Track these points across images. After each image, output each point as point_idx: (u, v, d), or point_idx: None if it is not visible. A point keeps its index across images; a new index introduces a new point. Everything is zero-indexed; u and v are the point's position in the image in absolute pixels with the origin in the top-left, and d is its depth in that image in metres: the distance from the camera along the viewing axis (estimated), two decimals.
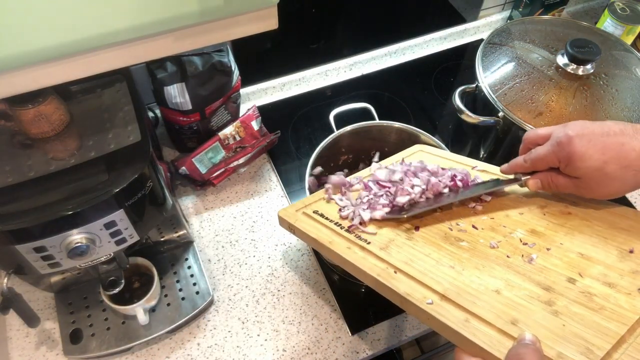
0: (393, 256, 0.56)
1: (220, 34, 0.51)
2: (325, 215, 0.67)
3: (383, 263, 0.55)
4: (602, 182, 0.51)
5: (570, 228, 0.55)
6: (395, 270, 0.54)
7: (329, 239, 0.62)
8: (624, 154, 0.49)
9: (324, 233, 0.64)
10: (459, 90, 0.87)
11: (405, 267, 0.54)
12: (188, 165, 0.90)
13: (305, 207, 0.71)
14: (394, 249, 0.57)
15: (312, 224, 0.66)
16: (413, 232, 0.60)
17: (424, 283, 0.51)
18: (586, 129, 0.51)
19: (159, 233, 0.83)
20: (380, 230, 0.61)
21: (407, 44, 1.20)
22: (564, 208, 0.58)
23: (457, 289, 0.49)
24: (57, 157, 0.61)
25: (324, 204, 0.70)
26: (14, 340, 0.77)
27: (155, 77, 0.84)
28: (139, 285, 0.78)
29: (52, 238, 0.58)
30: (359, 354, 0.77)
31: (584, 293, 0.46)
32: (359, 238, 0.60)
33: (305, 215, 0.68)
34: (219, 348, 0.77)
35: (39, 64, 0.45)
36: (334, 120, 0.88)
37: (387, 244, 0.58)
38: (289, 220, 0.68)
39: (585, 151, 0.50)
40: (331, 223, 0.65)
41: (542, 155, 0.55)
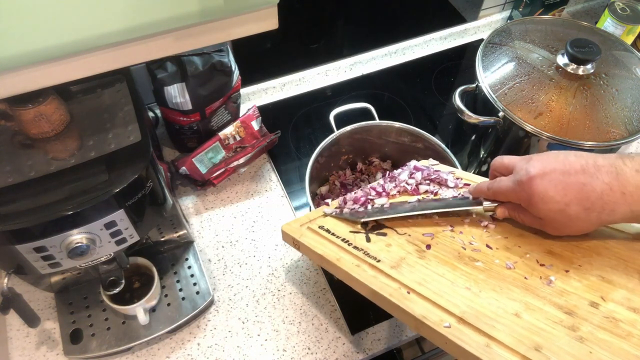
0: (405, 276, 0.53)
1: (220, 34, 0.51)
2: (331, 231, 0.64)
3: (395, 282, 0.52)
4: (565, 223, 0.50)
5: (587, 249, 0.52)
6: (408, 291, 0.51)
7: (337, 255, 0.59)
8: (585, 195, 0.47)
9: (331, 249, 0.61)
10: (459, 90, 0.87)
11: (418, 288, 0.51)
12: (188, 165, 0.90)
13: (310, 222, 0.68)
14: (406, 268, 0.54)
15: (318, 240, 0.63)
16: (425, 250, 0.57)
17: (440, 305, 0.48)
18: (548, 167, 0.49)
19: (159, 233, 0.83)
20: (390, 248, 0.59)
21: (407, 44, 1.20)
22: None
23: (475, 311, 0.47)
24: (58, 157, 0.61)
25: (330, 220, 0.68)
26: (14, 340, 0.77)
27: (155, 77, 0.84)
28: (139, 285, 0.78)
29: (52, 238, 0.58)
30: (359, 354, 0.77)
31: (609, 318, 0.44)
32: (368, 255, 0.57)
33: (311, 230, 0.66)
34: (219, 348, 0.77)
35: (39, 64, 0.45)
36: (334, 120, 0.88)
37: (398, 262, 0.55)
38: (293, 235, 0.65)
39: (545, 193, 0.49)
40: (338, 239, 0.62)
41: (504, 190, 0.54)
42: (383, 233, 0.62)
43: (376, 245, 0.59)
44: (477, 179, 0.69)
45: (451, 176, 0.70)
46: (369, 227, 0.64)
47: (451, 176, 0.70)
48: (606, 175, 0.47)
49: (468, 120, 0.84)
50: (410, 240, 0.59)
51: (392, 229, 0.63)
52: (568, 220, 0.50)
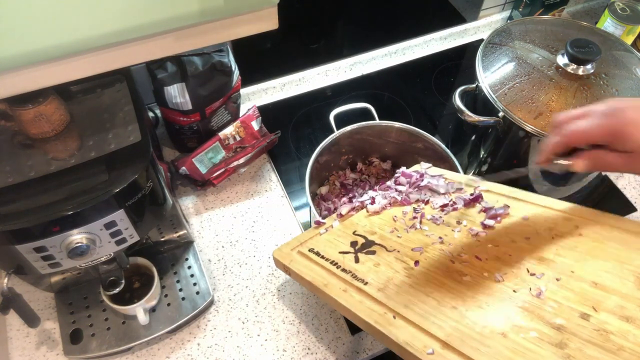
0: (392, 298, 0.53)
1: (220, 34, 0.51)
2: (321, 253, 0.65)
3: (381, 307, 0.52)
4: None
5: (582, 252, 0.51)
6: (394, 315, 0.51)
7: (325, 280, 0.59)
8: None
9: (319, 274, 0.61)
10: (459, 90, 0.86)
11: (404, 311, 0.51)
12: (188, 165, 0.90)
13: (300, 245, 0.68)
14: (393, 289, 0.54)
15: (307, 265, 0.64)
16: (412, 268, 0.57)
17: (425, 329, 0.48)
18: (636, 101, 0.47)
19: (159, 233, 0.83)
20: (378, 268, 0.59)
21: (407, 44, 1.20)
22: (574, 229, 0.54)
23: (461, 333, 0.46)
24: (57, 157, 0.61)
25: (321, 241, 0.68)
26: (15, 340, 0.77)
27: (155, 77, 0.84)
28: (139, 285, 0.78)
29: (52, 238, 0.58)
30: (359, 354, 0.77)
31: (599, 331, 0.42)
32: (356, 278, 0.58)
33: (301, 254, 0.66)
34: (219, 348, 0.77)
35: (39, 64, 0.45)
36: (334, 120, 0.88)
37: (386, 283, 0.55)
38: (283, 262, 0.66)
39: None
40: (327, 262, 0.62)
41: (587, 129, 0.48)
42: (372, 251, 0.63)
43: (364, 266, 0.60)
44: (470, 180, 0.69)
45: (442, 181, 0.70)
46: (358, 245, 0.65)
47: (442, 181, 0.70)
48: None
49: (468, 120, 0.84)
50: (399, 257, 0.60)
51: (382, 246, 0.63)
52: None
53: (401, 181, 0.76)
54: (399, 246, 0.62)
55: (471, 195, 0.66)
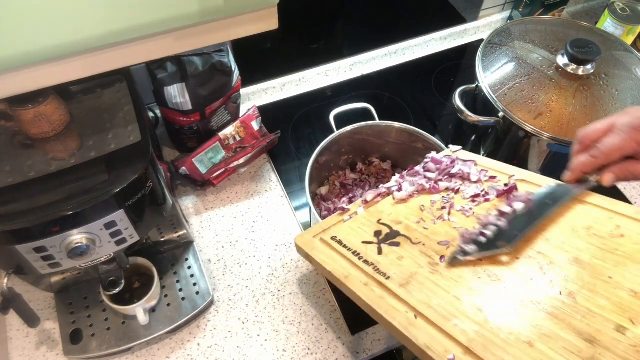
0: (414, 296, 0.50)
1: (220, 34, 0.51)
2: (343, 242, 0.62)
3: (403, 305, 0.50)
4: None
5: (622, 256, 0.47)
6: (415, 315, 0.48)
7: (346, 272, 0.57)
8: None
9: (341, 265, 0.59)
10: (459, 90, 0.87)
11: (426, 311, 0.48)
12: (188, 165, 0.90)
13: (322, 233, 0.66)
14: (415, 286, 0.52)
15: (328, 254, 0.62)
16: (438, 264, 0.54)
17: (447, 332, 0.45)
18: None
19: (159, 233, 0.83)
20: (401, 261, 0.56)
21: (407, 44, 1.20)
22: (614, 229, 0.51)
23: (484, 339, 0.43)
24: (57, 157, 0.61)
25: (344, 229, 0.65)
26: (14, 341, 0.77)
27: (155, 77, 0.84)
28: (139, 286, 0.78)
29: (52, 238, 0.58)
30: (359, 354, 0.77)
31: (636, 347, 0.39)
32: (378, 272, 0.55)
33: (323, 242, 0.64)
34: (219, 348, 0.77)
35: (39, 64, 0.45)
36: (334, 120, 0.88)
37: (408, 279, 0.53)
38: (305, 250, 0.64)
39: None
40: (349, 252, 0.60)
41: (617, 145, 0.50)
42: (396, 242, 0.60)
43: (387, 259, 0.57)
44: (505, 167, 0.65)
45: (474, 168, 0.66)
46: (382, 235, 0.62)
47: (474, 168, 0.66)
48: None
49: (468, 120, 0.84)
50: (424, 251, 0.57)
51: (407, 238, 0.60)
52: None
53: (430, 167, 0.72)
54: (425, 239, 0.59)
55: (505, 186, 0.61)
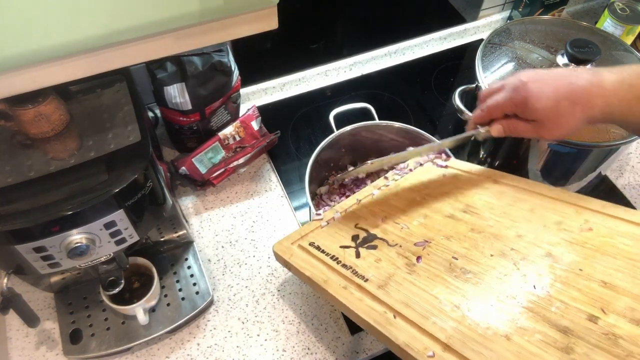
0: (392, 296, 0.52)
1: (220, 34, 0.51)
2: (321, 247, 0.64)
3: (381, 305, 0.51)
4: (557, 121, 0.54)
5: (591, 249, 0.50)
6: (394, 315, 0.50)
7: (325, 277, 0.58)
8: (573, 90, 0.53)
9: (319, 270, 0.60)
10: (458, 90, 0.86)
11: (405, 310, 0.49)
12: (188, 165, 0.89)
13: (301, 239, 0.67)
14: (393, 287, 0.53)
15: (307, 260, 0.63)
16: (415, 264, 0.56)
17: (425, 330, 0.46)
18: (538, 74, 0.56)
19: (158, 233, 0.83)
20: (379, 264, 0.58)
21: (407, 44, 1.20)
22: (583, 224, 0.54)
23: (462, 335, 0.44)
24: (57, 157, 0.61)
25: (322, 234, 0.67)
26: (14, 340, 0.77)
27: (155, 77, 0.84)
28: (139, 285, 0.78)
29: (52, 238, 0.58)
30: (358, 354, 0.77)
31: (608, 335, 0.41)
32: (356, 274, 0.57)
33: (301, 248, 0.65)
34: (218, 348, 0.77)
35: (39, 64, 0.45)
36: (334, 120, 0.88)
37: (386, 280, 0.54)
38: (283, 257, 0.65)
39: (540, 92, 0.54)
40: (327, 257, 0.61)
41: (499, 102, 0.58)
42: (374, 246, 0.62)
43: (365, 262, 0.59)
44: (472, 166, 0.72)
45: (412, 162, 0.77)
46: (360, 239, 0.64)
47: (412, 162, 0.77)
48: (587, 74, 0.54)
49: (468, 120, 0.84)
50: (401, 253, 0.59)
51: (383, 240, 0.62)
52: (559, 117, 0.54)
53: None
54: (401, 240, 0.61)
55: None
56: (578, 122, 0.54)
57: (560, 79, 0.55)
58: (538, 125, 0.56)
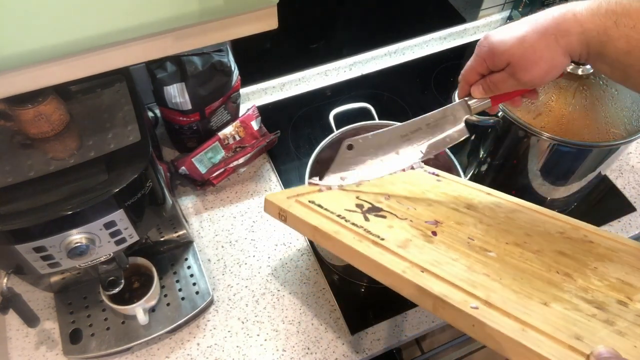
0: (416, 256, 0.45)
1: (220, 34, 0.51)
2: (324, 206, 0.55)
3: (405, 261, 0.45)
4: (529, 57, 0.51)
5: (598, 255, 0.50)
6: (422, 270, 0.43)
7: (334, 228, 0.50)
8: (538, 22, 0.51)
9: (327, 223, 0.52)
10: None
11: (433, 269, 0.43)
12: (188, 165, 0.89)
13: (298, 196, 0.58)
14: (414, 249, 0.47)
15: (309, 213, 0.54)
16: (431, 236, 0.51)
17: (461, 287, 0.41)
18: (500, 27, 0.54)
19: (158, 233, 0.83)
20: (392, 230, 0.51)
21: (407, 44, 1.20)
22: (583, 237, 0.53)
23: (501, 297, 0.40)
24: (57, 157, 0.61)
25: (321, 196, 0.59)
26: (14, 340, 0.77)
27: (155, 77, 0.84)
28: (139, 285, 0.78)
29: (52, 238, 0.58)
30: (358, 354, 0.77)
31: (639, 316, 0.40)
32: (370, 233, 0.49)
33: (300, 203, 0.56)
34: (218, 348, 0.77)
35: (39, 64, 0.45)
36: (333, 120, 0.88)
37: (405, 243, 0.48)
38: (280, 205, 0.55)
39: (502, 36, 0.52)
40: (333, 215, 0.53)
41: (469, 65, 0.57)
42: (382, 215, 0.55)
43: (377, 225, 0.51)
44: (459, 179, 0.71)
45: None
46: (365, 208, 0.57)
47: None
48: (557, 7, 0.51)
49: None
50: (414, 225, 0.53)
51: (392, 214, 0.56)
52: (531, 52, 0.50)
53: None
54: (411, 217, 0.55)
55: None
56: (553, 54, 0.50)
57: (525, 20, 0.53)
58: (511, 68, 0.52)
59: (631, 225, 0.93)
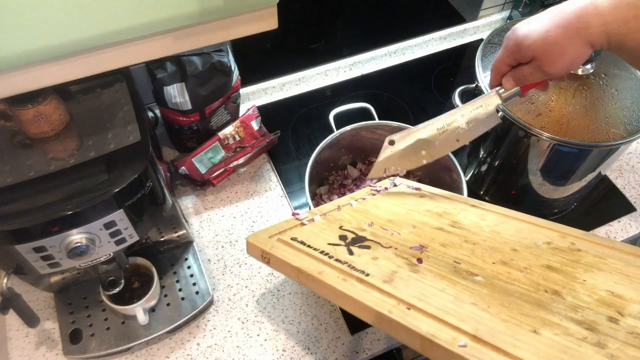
0: (401, 290, 0.45)
1: (220, 34, 0.51)
2: (306, 243, 0.54)
3: (391, 298, 0.44)
4: (553, 51, 0.54)
5: (587, 265, 0.49)
6: (408, 307, 0.43)
7: (318, 268, 0.49)
8: (561, 17, 0.53)
9: (309, 262, 0.51)
10: (458, 90, 0.86)
11: (419, 304, 0.43)
12: (188, 165, 0.90)
13: (279, 234, 0.58)
14: (400, 282, 0.46)
15: (292, 252, 0.53)
16: (416, 264, 0.50)
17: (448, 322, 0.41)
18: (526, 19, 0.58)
19: (158, 233, 0.83)
20: (377, 262, 0.51)
21: (407, 44, 1.20)
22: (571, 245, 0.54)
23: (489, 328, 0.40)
24: (57, 157, 0.61)
25: (303, 232, 0.58)
26: (14, 340, 0.77)
27: (155, 77, 0.84)
28: (139, 285, 0.78)
29: (52, 238, 0.58)
30: (358, 354, 0.77)
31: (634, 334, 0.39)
32: (354, 269, 0.48)
33: (282, 242, 0.55)
34: (218, 348, 0.77)
35: (39, 64, 0.45)
36: (333, 120, 0.88)
37: (390, 276, 0.48)
38: (263, 247, 0.54)
39: (527, 30, 0.56)
40: (317, 252, 0.52)
41: (498, 57, 0.61)
42: (366, 246, 0.54)
43: (361, 259, 0.51)
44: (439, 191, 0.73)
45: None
46: (349, 239, 0.56)
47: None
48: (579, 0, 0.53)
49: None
50: (399, 254, 0.52)
51: (376, 243, 0.55)
52: (554, 46, 0.53)
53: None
54: (395, 244, 0.55)
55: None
56: (576, 47, 0.53)
57: (548, 12, 0.55)
58: (537, 62, 0.56)
59: (631, 226, 0.93)
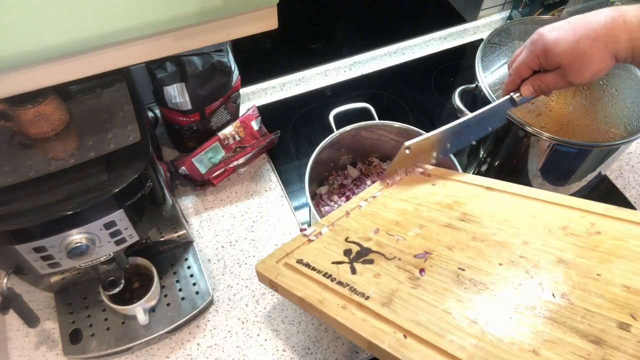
0: (399, 314, 0.46)
1: (220, 34, 0.51)
2: (311, 265, 0.58)
3: (388, 325, 0.46)
4: (581, 61, 0.55)
5: (604, 253, 0.46)
6: (404, 335, 0.44)
7: (319, 296, 0.52)
8: (592, 28, 0.54)
9: (312, 289, 0.54)
10: (458, 90, 0.86)
11: (416, 329, 0.44)
12: (188, 165, 0.89)
13: (286, 257, 0.61)
14: (399, 304, 0.48)
15: (296, 279, 0.56)
16: (418, 278, 0.51)
17: (443, 349, 0.41)
18: (554, 24, 0.57)
19: (158, 233, 0.83)
20: (379, 279, 0.52)
21: (407, 44, 1.20)
22: (590, 227, 0.50)
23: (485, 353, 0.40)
24: (57, 157, 0.61)
25: (309, 250, 0.61)
26: (14, 340, 0.77)
27: (155, 77, 0.84)
28: (139, 285, 0.78)
29: (52, 238, 0.58)
30: (358, 354, 0.77)
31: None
32: (355, 292, 0.51)
33: (288, 267, 0.59)
34: (218, 348, 0.77)
35: (39, 64, 0.45)
36: (333, 120, 0.88)
37: (390, 297, 0.49)
38: (269, 277, 0.59)
39: (557, 37, 0.55)
40: (319, 275, 0.55)
41: (522, 60, 0.60)
42: (370, 260, 0.57)
43: (363, 278, 0.53)
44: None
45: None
46: (353, 254, 0.59)
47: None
48: (608, 11, 0.54)
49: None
50: (401, 266, 0.54)
51: (380, 254, 0.57)
52: (582, 57, 0.54)
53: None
54: (399, 253, 0.56)
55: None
56: (603, 59, 0.54)
57: (578, 21, 0.55)
58: (563, 71, 0.56)
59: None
